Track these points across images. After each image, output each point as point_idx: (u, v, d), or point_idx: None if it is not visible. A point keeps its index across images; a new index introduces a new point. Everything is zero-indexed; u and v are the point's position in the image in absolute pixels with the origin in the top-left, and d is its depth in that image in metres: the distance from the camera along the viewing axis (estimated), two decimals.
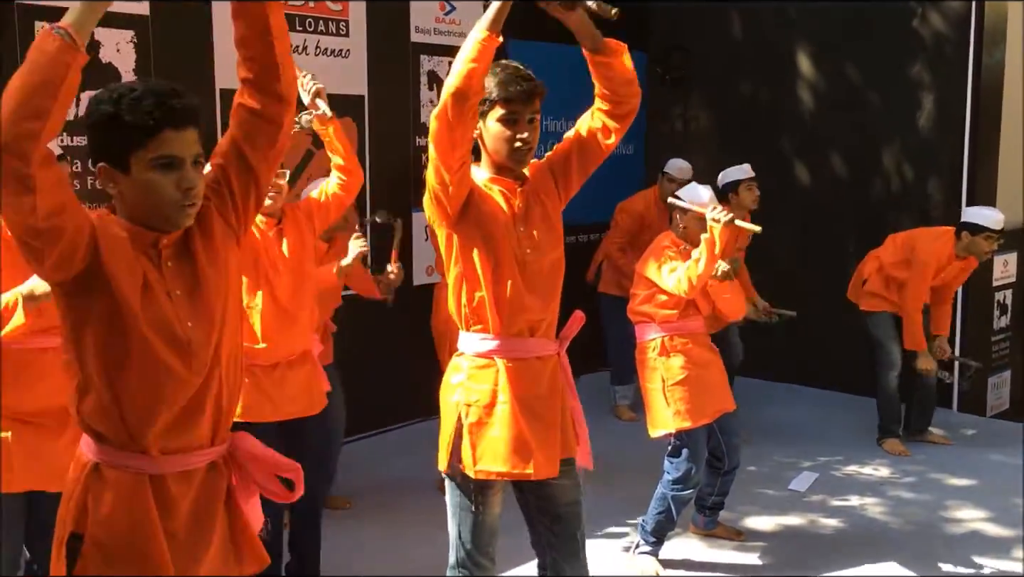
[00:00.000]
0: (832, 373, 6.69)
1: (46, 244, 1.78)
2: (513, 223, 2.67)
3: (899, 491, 4.96)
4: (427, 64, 5.94)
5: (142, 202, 1.91)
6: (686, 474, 3.97)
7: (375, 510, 4.61)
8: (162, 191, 1.88)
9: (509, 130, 2.61)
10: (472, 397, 2.67)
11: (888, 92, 6.46)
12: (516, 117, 2.61)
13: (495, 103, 2.59)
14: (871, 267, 5.62)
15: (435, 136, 2.49)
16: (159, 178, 1.88)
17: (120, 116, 1.84)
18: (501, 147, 2.64)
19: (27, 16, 4.15)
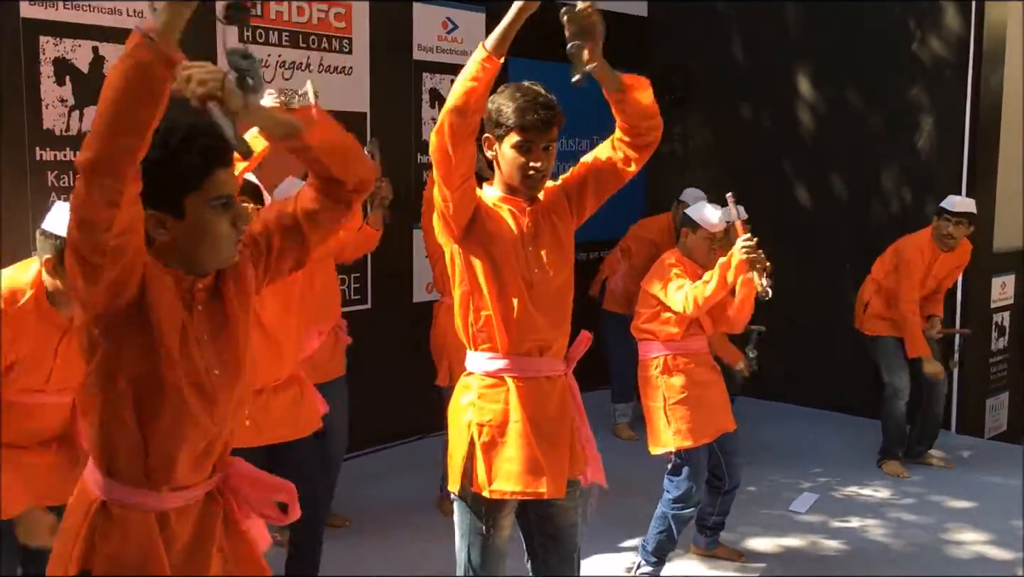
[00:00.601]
0: (830, 393, 6.69)
1: (109, 261, 1.69)
2: (521, 243, 2.67)
3: (899, 513, 4.95)
4: (429, 82, 5.96)
5: (197, 245, 1.86)
6: (686, 493, 3.95)
7: (374, 528, 4.59)
8: (219, 231, 1.85)
9: (523, 157, 2.62)
10: (484, 417, 2.66)
11: (887, 114, 6.49)
12: (531, 145, 2.61)
13: (511, 129, 2.59)
14: (870, 290, 5.63)
15: (435, 153, 2.50)
16: (216, 218, 1.84)
17: (172, 160, 1.78)
18: (514, 173, 2.64)
19: (31, 30, 4.15)
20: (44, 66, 4.21)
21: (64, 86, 4.27)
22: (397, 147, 5.80)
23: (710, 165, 7.28)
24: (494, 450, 2.64)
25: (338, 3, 5.36)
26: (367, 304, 5.69)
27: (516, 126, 2.58)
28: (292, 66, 5.16)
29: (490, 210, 2.67)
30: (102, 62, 4.38)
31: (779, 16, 6.94)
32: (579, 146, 7.07)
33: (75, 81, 4.30)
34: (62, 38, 4.25)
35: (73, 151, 4.33)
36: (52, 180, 4.26)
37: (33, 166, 4.21)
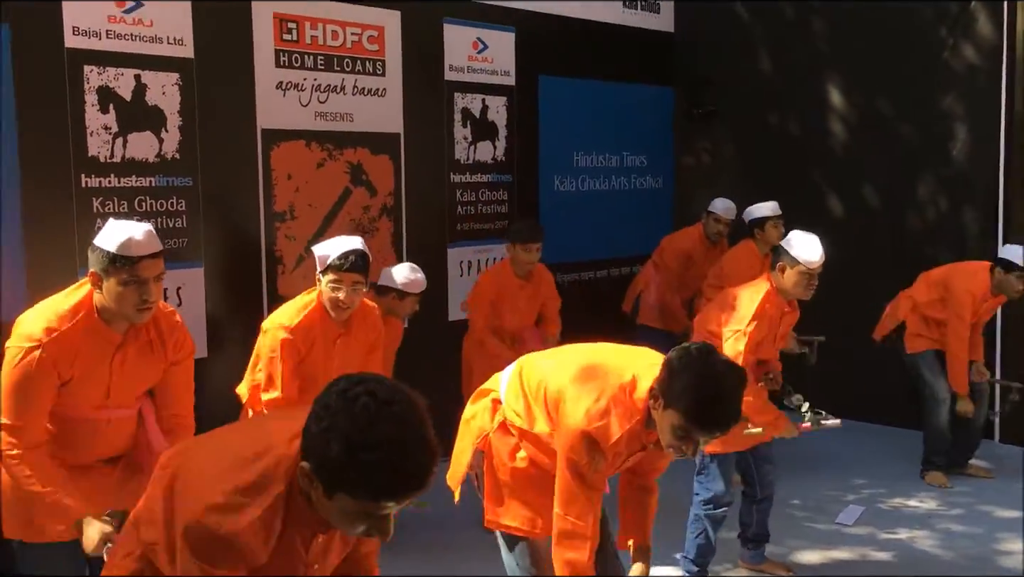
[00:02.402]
0: (868, 405, 6.63)
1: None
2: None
3: (948, 524, 4.89)
4: (461, 101, 6.00)
5: (325, 511, 1.75)
6: (717, 493, 3.95)
7: (419, 546, 4.58)
8: (353, 529, 1.75)
9: (677, 442, 2.55)
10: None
11: (920, 123, 6.46)
12: (689, 436, 2.53)
13: (678, 412, 2.49)
14: (905, 307, 5.60)
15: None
16: (358, 523, 1.72)
17: (345, 471, 1.64)
18: (664, 440, 2.58)
19: (75, 60, 4.22)
20: (88, 95, 4.27)
21: (108, 114, 4.33)
22: (431, 166, 5.84)
23: (737, 178, 7.26)
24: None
25: (371, 26, 5.42)
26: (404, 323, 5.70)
27: (684, 413, 2.48)
28: (328, 89, 5.21)
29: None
30: (144, 90, 4.45)
31: (806, 27, 6.94)
32: (609, 162, 7.09)
33: (118, 109, 4.37)
34: (105, 67, 4.31)
35: (117, 178, 4.39)
36: (97, 206, 4.32)
37: (78, 192, 4.27)
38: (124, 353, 2.77)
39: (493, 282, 5.09)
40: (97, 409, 2.78)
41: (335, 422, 1.64)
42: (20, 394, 2.62)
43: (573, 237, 6.75)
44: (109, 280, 2.65)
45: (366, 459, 1.61)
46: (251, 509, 1.73)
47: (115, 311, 2.69)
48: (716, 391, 2.46)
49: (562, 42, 6.59)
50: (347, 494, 1.66)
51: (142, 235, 2.66)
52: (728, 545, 4.34)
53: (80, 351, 2.68)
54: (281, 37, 5.00)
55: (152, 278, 2.68)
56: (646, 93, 7.29)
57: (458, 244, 6.03)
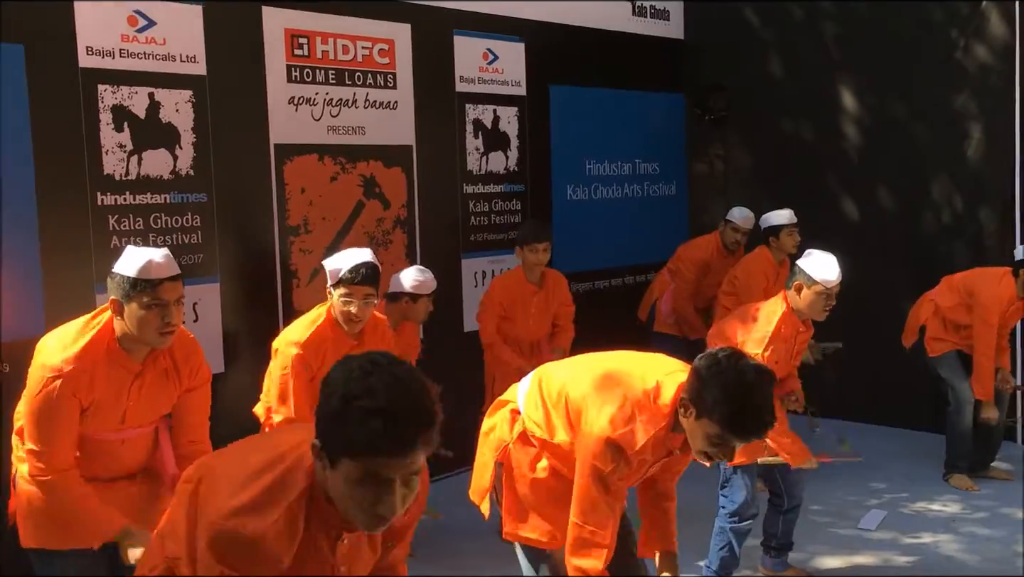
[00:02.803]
0: (887, 408, 6.59)
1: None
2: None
3: (972, 527, 4.84)
4: (472, 112, 6.01)
5: (337, 500, 1.75)
6: (742, 505, 3.92)
7: (439, 557, 4.57)
8: (359, 506, 1.71)
9: (710, 448, 2.53)
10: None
11: (934, 124, 6.43)
12: (722, 446, 2.51)
13: (713, 422, 2.48)
14: (927, 311, 5.56)
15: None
16: (360, 492, 1.69)
17: (343, 424, 1.64)
18: (697, 449, 2.58)
19: (90, 79, 4.26)
20: (103, 113, 4.31)
21: (123, 132, 4.37)
22: (443, 178, 5.85)
23: (751, 184, 7.24)
24: None
25: (381, 40, 5.44)
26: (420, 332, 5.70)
27: (721, 423, 2.46)
28: (339, 103, 5.23)
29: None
30: (158, 107, 4.48)
31: (816, 31, 6.92)
32: (622, 170, 7.09)
33: (133, 127, 4.40)
34: (119, 85, 4.35)
35: (132, 195, 4.42)
36: (113, 224, 4.35)
37: (95, 211, 4.30)
38: (142, 380, 2.79)
39: (504, 288, 5.07)
40: (113, 431, 2.80)
41: (333, 381, 1.68)
42: (44, 421, 2.66)
43: (586, 245, 6.75)
44: (131, 305, 2.67)
45: (360, 406, 1.62)
46: (273, 509, 1.73)
47: (136, 337, 2.71)
48: (751, 399, 2.44)
49: (572, 51, 6.60)
50: (347, 455, 1.65)
51: (161, 258, 2.70)
52: (748, 551, 4.31)
53: (99, 380, 2.70)
54: (292, 52, 5.03)
55: (173, 301, 2.70)
56: (657, 100, 7.29)
57: (472, 255, 6.04)
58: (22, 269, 4.06)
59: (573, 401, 2.75)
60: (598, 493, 2.62)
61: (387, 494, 1.68)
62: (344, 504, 1.73)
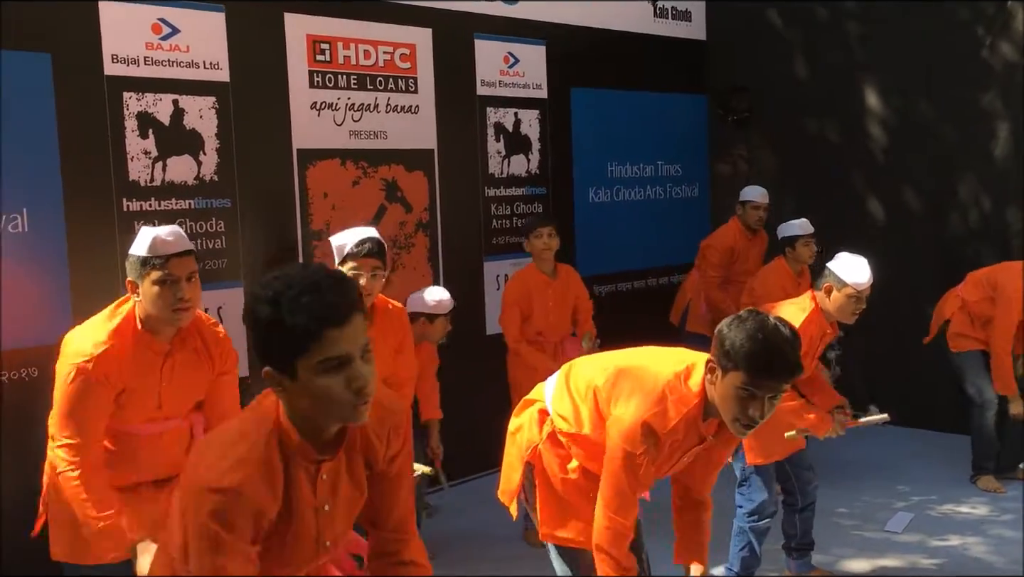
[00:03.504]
0: (914, 410, 6.52)
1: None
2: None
3: (1001, 529, 4.78)
4: (493, 116, 6.02)
5: (313, 407, 1.77)
6: (761, 505, 3.90)
7: (461, 561, 4.58)
8: (332, 394, 1.72)
9: (742, 404, 2.47)
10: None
11: (961, 123, 6.37)
12: (754, 393, 2.45)
13: (739, 370, 2.44)
14: (952, 306, 5.50)
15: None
16: (328, 381, 1.71)
17: (280, 320, 1.68)
18: (728, 413, 2.51)
19: (115, 87, 4.31)
20: (128, 120, 4.36)
21: (147, 139, 4.42)
22: (465, 181, 5.87)
23: (775, 184, 7.17)
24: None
25: (403, 44, 5.47)
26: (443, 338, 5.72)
27: (746, 367, 2.42)
28: (361, 107, 5.26)
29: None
30: (182, 114, 4.53)
31: (840, 30, 6.88)
32: (644, 172, 7.08)
33: (157, 133, 4.45)
34: (144, 93, 4.40)
35: (158, 201, 4.47)
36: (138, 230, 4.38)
37: (121, 217, 4.35)
38: (172, 362, 2.82)
39: (518, 283, 5.05)
40: (150, 422, 2.82)
41: (253, 299, 1.73)
42: (76, 411, 2.67)
43: (609, 248, 6.74)
44: (144, 283, 2.71)
45: (289, 297, 1.68)
46: (242, 452, 1.75)
47: (155, 316, 2.73)
48: (773, 338, 2.42)
49: (593, 53, 6.60)
50: (300, 354, 1.70)
51: (169, 235, 2.74)
52: (773, 555, 4.29)
53: (129, 363, 2.72)
54: (314, 58, 5.07)
55: (184, 276, 2.72)
56: (679, 101, 7.27)
57: (494, 258, 6.05)
58: (50, 275, 4.12)
59: (602, 391, 2.74)
60: (627, 480, 2.60)
61: (353, 372, 1.72)
62: (319, 408, 1.75)
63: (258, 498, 1.74)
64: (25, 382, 4.03)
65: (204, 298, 3.01)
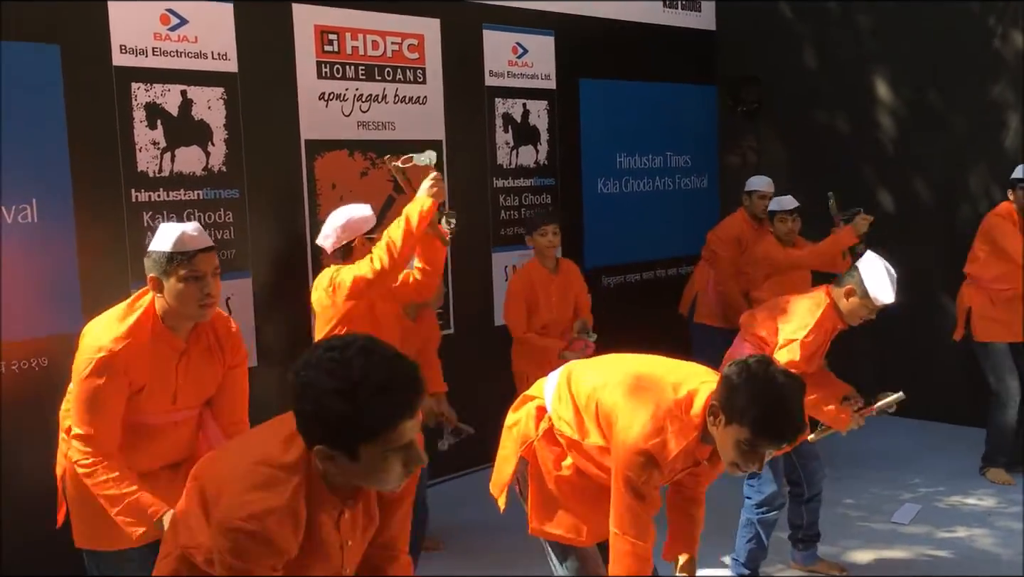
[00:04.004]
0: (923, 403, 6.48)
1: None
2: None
3: (1007, 521, 4.78)
4: (502, 107, 6.02)
5: (363, 480, 1.83)
6: (770, 496, 3.91)
7: (467, 552, 4.60)
8: (391, 474, 1.79)
9: (741, 458, 2.52)
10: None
11: (971, 114, 6.33)
12: (757, 450, 2.50)
13: (744, 428, 2.47)
14: (969, 292, 5.49)
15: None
16: (392, 463, 1.78)
17: (355, 417, 1.71)
18: (728, 460, 2.57)
19: (123, 77, 4.33)
20: (136, 111, 4.38)
21: (156, 129, 4.43)
22: (473, 172, 5.87)
23: (784, 175, 7.16)
24: None
25: (411, 35, 5.47)
26: (450, 329, 5.73)
27: (751, 427, 2.45)
28: (369, 99, 5.27)
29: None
30: (190, 105, 4.54)
31: (850, 21, 6.84)
32: (652, 163, 7.06)
33: (166, 124, 4.47)
34: (152, 83, 4.42)
35: (166, 192, 4.49)
36: (147, 220, 4.42)
37: (129, 207, 4.37)
38: (188, 358, 2.84)
39: (522, 278, 5.08)
40: (164, 414, 2.84)
41: (318, 390, 1.72)
42: (93, 403, 2.69)
43: (618, 239, 6.74)
44: (169, 280, 2.73)
45: (366, 394, 1.69)
46: (273, 502, 1.78)
47: (178, 312, 2.76)
48: (781, 403, 2.44)
49: (602, 44, 6.58)
50: (368, 442, 1.73)
51: (194, 231, 2.77)
52: (778, 545, 4.29)
53: (148, 359, 2.75)
54: (322, 49, 5.07)
55: (209, 272, 2.76)
56: (689, 92, 7.25)
57: (502, 249, 6.06)
58: (59, 265, 4.15)
59: (604, 405, 2.75)
60: (636, 504, 2.63)
61: (414, 454, 1.79)
62: (370, 480, 1.82)
63: (280, 541, 1.79)
64: (35, 372, 4.06)
65: (219, 274, 3.01)
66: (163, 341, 2.79)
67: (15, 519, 3.95)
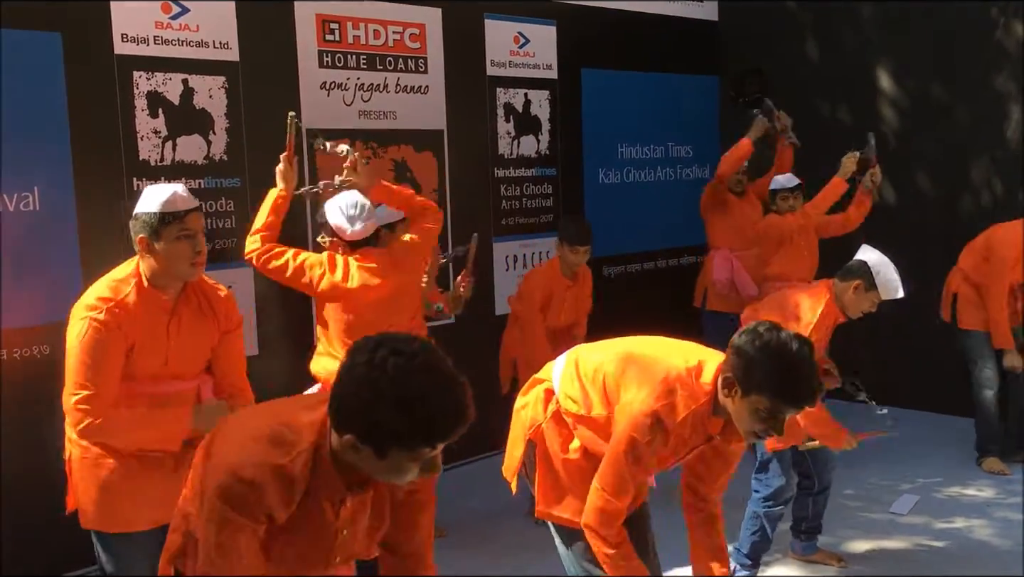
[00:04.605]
0: (921, 393, 6.52)
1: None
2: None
3: (1006, 512, 4.79)
4: (503, 96, 6.02)
5: (377, 473, 1.86)
6: (778, 490, 3.91)
7: (470, 539, 4.62)
8: (408, 475, 1.84)
9: (761, 425, 2.52)
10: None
11: (974, 105, 6.32)
12: (779, 416, 2.49)
13: (763, 394, 2.47)
14: (957, 280, 5.52)
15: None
16: (413, 468, 1.82)
17: (405, 430, 1.74)
18: (744, 430, 2.57)
19: (125, 66, 4.33)
20: (138, 100, 4.38)
21: (157, 118, 4.44)
22: (474, 162, 5.87)
23: None
24: None
25: (412, 24, 5.46)
26: (450, 318, 5.74)
27: (773, 395, 2.46)
28: (371, 88, 5.27)
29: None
30: (192, 93, 4.55)
31: (854, 13, 6.83)
32: (654, 153, 7.06)
33: (167, 113, 4.47)
34: (154, 72, 4.42)
35: (168, 180, 4.48)
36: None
37: (131, 196, 4.35)
38: (179, 319, 2.84)
39: (544, 282, 5.02)
40: (158, 380, 2.82)
41: (375, 392, 1.72)
42: (90, 361, 2.68)
43: (619, 229, 6.73)
44: (160, 241, 2.75)
45: (419, 414, 1.71)
46: (274, 458, 1.81)
47: (168, 271, 2.78)
48: (798, 367, 2.46)
49: (604, 34, 6.57)
50: (402, 448, 1.76)
51: (183, 191, 2.83)
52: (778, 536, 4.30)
53: (137, 317, 2.75)
54: (324, 38, 5.07)
55: (200, 231, 2.82)
56: (690, 83, 7.24)
57: (503, 239, 6.06)
58: (60, 253, 4.16)
59: (611, 377, 2.77)
60: (628, 465, 2.63)
61: (435, 461, 1.83)
62: (384, 475, 1.85)
63: (270, 499, 1.80)
64: (36, 359, 4.08)
65: (215, 277, 3.04)
66: (151, 301, 2.79)
67: (16, 506, 3.97)
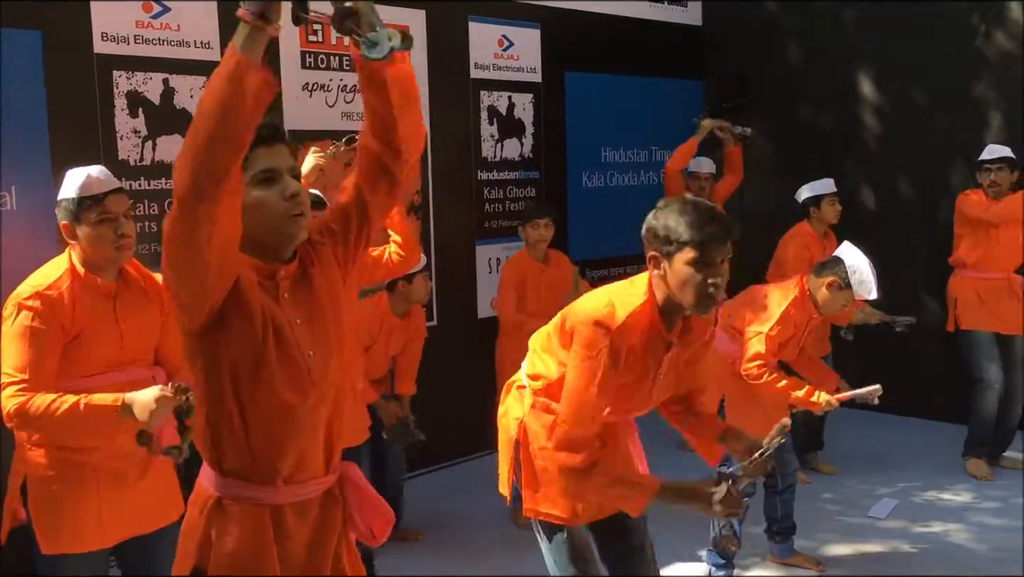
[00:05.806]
0: (905, 398, 6.53)
1: (216, 280, 1.79)
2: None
3: (982, 517, 4.82)
4: (487, 99, 6.02)
5: (255, 223, 1.90)
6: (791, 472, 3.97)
7: (448, 542, 4.62)
8: (269, 204, 1.92)
9: (701, 274, 2.49)
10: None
11: (954, 112, 6.37)
12: (709, 260, 2.49)
13: (685, 245, 2.49)
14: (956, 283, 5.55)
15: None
16: (263, 193, 1.92)
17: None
18: (689, 291, 2.53)
19: (105, 65, 4.31)
20: (118, 99, 4.36)
21: (137, 118, 4.42)
22: (458, 164, 5.87)
23: (769, 171, 7.20)
24: None
25: (396, 26, 5.42)
26: (432, 321, 5.74)
27: (691, 239, 2.48)
28: (354, 89, 5.26)
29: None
30: (172, 93, 4.53)
31: (835, 19, 6.87)
32: (637, 157, 7.08)
33: (147, 112, 4.45)
34: (134, 72, 4.40)
35: (147, 180, 4.47)
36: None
37: None
38: (123, 303, 2.78)
39: (514, 268, 5.13)
40: (113, 369, 2.75)
41: None
42: (23, 349, 2.59)
43: (602, 233, 6.74)
44: (82, 226, 2.69)
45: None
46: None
47: (95, 256, 2.71)
48: (702, 206, 2.54)
49: (588, 38, 6.58)
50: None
51: (99, 173, 2.75)
52: (755, 540, 4.33)
53: (75, 302, 2.67)
54: (307, 39, 5.06)
55: (121, 213, 2.73)
56: (674, 87, 7.26)
57: (486, 241, 6.06)
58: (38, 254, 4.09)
59: (555, 334, 2.79)
60: (584, 386, 2.59)
61: (290, 184, 1.94)
62: (261, 220, 1.92)
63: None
64: None
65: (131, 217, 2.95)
66: (89, 288, 2.71)
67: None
